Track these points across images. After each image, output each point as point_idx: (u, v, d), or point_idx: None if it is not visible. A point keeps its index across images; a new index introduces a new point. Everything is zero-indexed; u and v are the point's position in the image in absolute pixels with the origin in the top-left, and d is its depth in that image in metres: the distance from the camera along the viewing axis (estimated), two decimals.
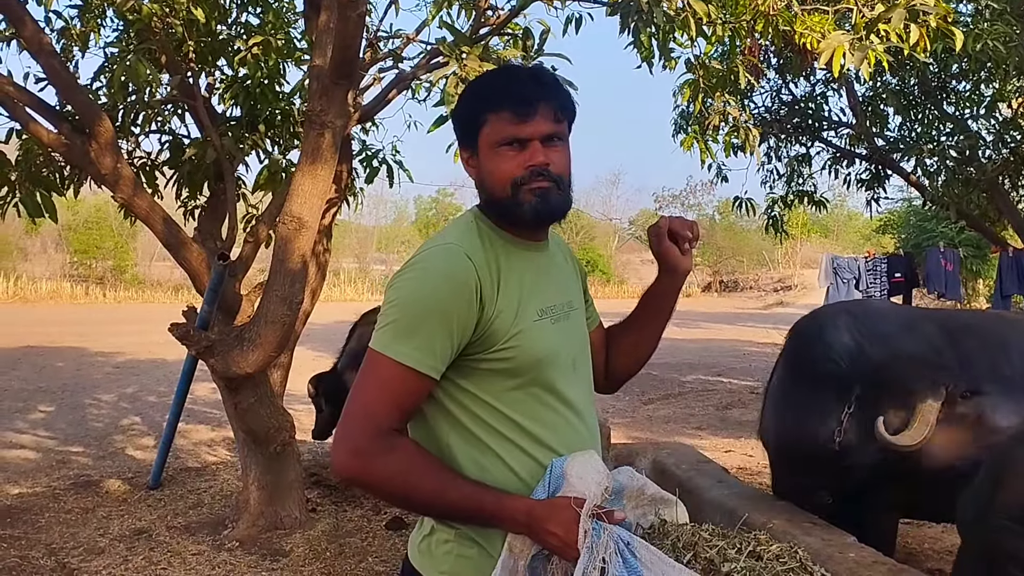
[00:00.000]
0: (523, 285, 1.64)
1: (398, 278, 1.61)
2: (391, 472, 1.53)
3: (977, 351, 3.60)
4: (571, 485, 1.52)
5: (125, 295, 31.25)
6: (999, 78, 8.93)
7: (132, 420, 9.14)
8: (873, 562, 2.87)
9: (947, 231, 20.16)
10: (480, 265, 1.58)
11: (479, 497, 1.54)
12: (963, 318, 4.53)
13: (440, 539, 1.62)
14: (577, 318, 1.79)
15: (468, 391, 1.61)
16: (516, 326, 1.60)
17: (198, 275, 5.01)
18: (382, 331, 1.57)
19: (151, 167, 6.11)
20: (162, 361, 13.37)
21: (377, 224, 43.22)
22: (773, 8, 4.84)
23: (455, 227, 1.70)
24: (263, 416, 4.93)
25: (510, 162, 1.62)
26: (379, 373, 1.56)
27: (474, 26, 5.48)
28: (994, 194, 9.93)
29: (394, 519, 5.42)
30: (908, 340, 3.64)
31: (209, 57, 5.72)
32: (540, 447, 1.62)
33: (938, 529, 5.17)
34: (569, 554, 1.48)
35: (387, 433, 1.54)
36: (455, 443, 1.61)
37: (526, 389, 1.62)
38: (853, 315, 3.81)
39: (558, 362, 1.66)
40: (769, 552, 1.62)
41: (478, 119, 1.64)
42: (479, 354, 1.59)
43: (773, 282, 37.70)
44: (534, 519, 1.51)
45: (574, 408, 1.69)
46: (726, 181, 10.39)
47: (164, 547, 5.01)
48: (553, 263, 1.77)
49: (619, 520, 1.54)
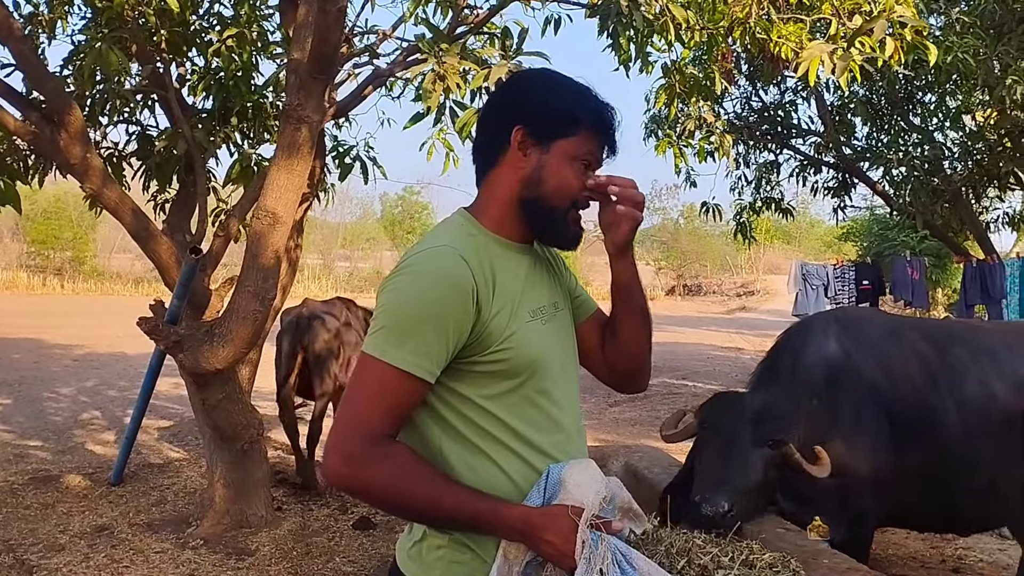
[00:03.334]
0: (516, 286, 1.63)
1: (392, 280, 1.58)
2: (385, 479, 1.50)
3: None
4: (569, 493, 1.50)
5: (84, 287, 30.72)
6: (964, 91, 9.08)
7: (92, 414, 8.99)
8: (847, 568, 2.87)
9: (908, 240, 20.46)
10: (475, 267, 1.55)
11: (474, 504, 1.51)
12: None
13: (432, 545, 1.60)
14: (564, 318, 1.78)
15: (461, 394, 1.58)
16: (511, 328, 1.58)
17: (167, 269, 4.94)
18: (376, 335, 1.54)
19: (118, 158, 6.02)
20: (122, 355, 13.18)
21: (342, 221, 42.90)
22: (752, 16, 4.87)
23: (446, 229, 1.67)
24: (231, 413, 4.86)
25: (579, 179, 1.65)
26: (373, 378, 1.53)
27: (452, 24, 5.45)
28: (957, 205, 10.09)
29: (361, 519, 5.38)
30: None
31: (182, 47, 5.63)
32: (532, 450, 1.60)
33: (901, 535, 5.24)
34: (565, 563, 1.47)
35: (381, 439, 1.51)
36: (447, 447, 1.59)
37: (519, 391, 1.60)
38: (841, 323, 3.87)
39: (550, 363, 1.65)
40: (762, 561, 1.62)
41: (572, 125, 1.63)
42: (474, 357, 1.56)
43: (736, 287, 37.99)
44: (530, 527, 1.49)
45: (563, 409, 1.68)
46: (695, 186, 10.48)
47: (126, 544, 4.93)
48: (539, 263, 1.76)
49: (616, 531, 1.52)
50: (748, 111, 11.18)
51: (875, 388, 3.65)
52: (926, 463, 3.59)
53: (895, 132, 10.24)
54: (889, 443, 3.61)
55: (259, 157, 6.11)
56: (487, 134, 1.72)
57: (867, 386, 3.66)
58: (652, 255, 42.48)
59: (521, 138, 1.64)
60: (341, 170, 6.22)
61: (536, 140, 1.64)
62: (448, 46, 4.59)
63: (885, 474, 3.60)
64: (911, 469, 3.59)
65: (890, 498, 3.65)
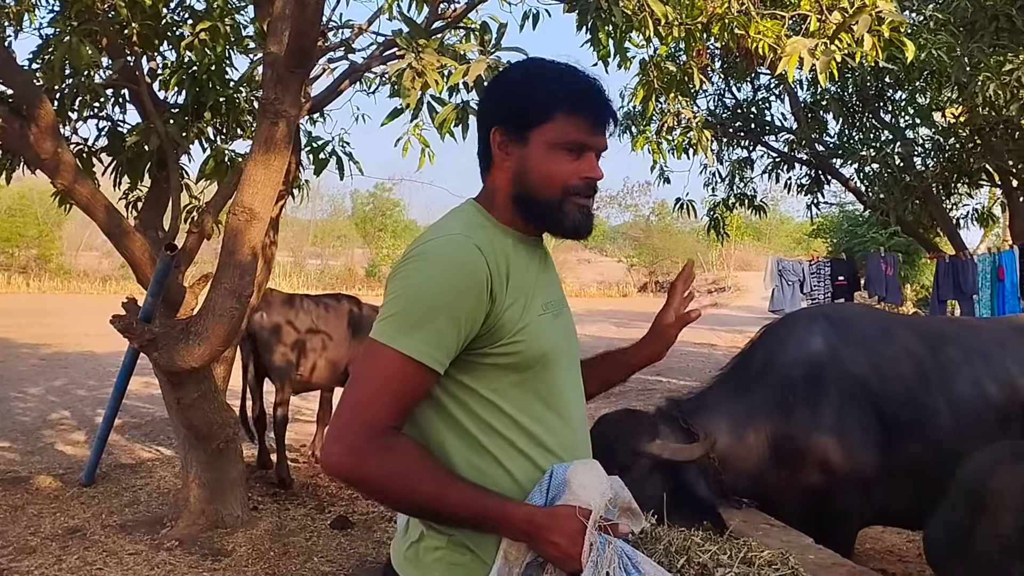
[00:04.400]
0: (529, 278, 1.60)
1: (403, 267, 1.53)
2: (389, 472, 1.46)
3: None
4: (574, 494, 1.46)
5: (50, 285, 30.33)
6: (933, 88, 9.17)
7: (61, 414, 8.84)
8: (832, 563, 2.88)
9: (877, 237, 20.66)
10: (489, 257, 1.51)
11: (480, 501, 1.47)
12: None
13: (430, 546, 1.56)
14: (569, 315, 1.75)
15: (469, 387, 1.54)
16: (524, 319, 1.54)
17: (141, 266, 4.85)
18: (385, 322, 1.49)
19: (88, 154, 5.91)
20: (91, 354, 13.00)
21: (313, 218, 42.61)
22: (730, 11, 4.87)
23: (458, 218, 1.62)
24: (207, 412, 4.79)
25: (567, 167, 1.58)
26: (380, 366, 1.48)
27: (429, 19, 5.40)
28: (928, 201, 10.19)
29: (339, 518, 5.33)
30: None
31: (154, 41, 5.53)
32: (538, 448, 1.57)
33: (878, 529, 5.27)
34: (570, 566, 1.43)
35: (386, 431, 1.46)
36: (449, 442, 1.55)
37: (527, 385, 1.57)
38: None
39: (559, 358, 1.62)
40: (761, 558, 1.60)
41: (544, 112, 1.57)
42: (485, 348, 1.52)
43: (707, 283, 38.25)
44: (536, 527, 1.45)
45: (570, 406, 1.65)
46: (668, 183, 10.50)
47: (99, 546, 4.84)
48: (547, 259, 1.73)
49: (623, 534, 1.49)
50: (722, 108, 11.22)
51: (863, 386, 3.65)
52: (918, 462, 3.58)
53: (867, 129, 10.32)
54: (877, 442, 3.61)
55: (232, 153, 6.03)
56: (478, 139, 1.68)
57: (854, 384, 3.65)
58: (624, 252, 42.68)
59: (499, 139, 1.61)
60: (316, 165, 6.15)
61: (513, 138, 1.60)
62: (426, 41, 4.55)
63: (871, 473, 3.60)
64: (901, 468, 3.59)
65: (879, 496, 3.65)
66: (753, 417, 3.69)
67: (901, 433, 3.59)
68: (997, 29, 6.93)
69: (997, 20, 6.90)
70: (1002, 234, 17.60)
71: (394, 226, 40.49)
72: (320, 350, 6.46)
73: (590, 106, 1.59)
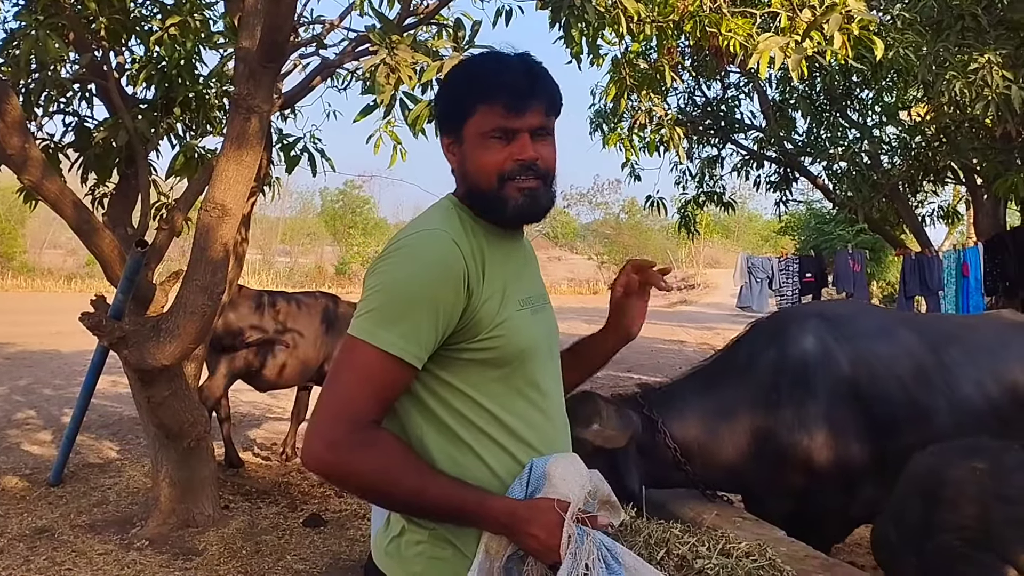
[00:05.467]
0: (506, 274, 1.60)
1: (382, 263, 1.53)
2: (369, 467, 1.46)
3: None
4: (554, 487, 1.47)
5: (13, 283, 29.88)
6: (900, 87, 9.29)
7: (27, 414, 8.71)
8: (805, 556, 2.91)
9: (844, 234, 20.91)
10: (467, 252, 1.52)
11: (461, 495, 1.48)
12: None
13: (411, 540, 1.56)
14: (550, 311, 1.76)
15: (447, 382, 1.54)
16: (501, 315, 1.55)
17: (110, 263, 4.78)
18: (364, 317, 1.49)
19: (54, 150, 5.82)
20: (56, 352, 12.82)
21: (282, 215, 42.32)
22: (702, 9, 4.90)
23: (436, 213, 1.63)
24: (177, 410, 4.74)
25: (497, 154, 1.57)
26: (360, 361, 1.48)
27: (401, 15, 5.38)
28: (895, 199, 10.33)
29: (311, 516, 5.30)
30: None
31: (122, 36, 5.46)
32: (518, 442, 1.57)
33: None
34: (549, 558, 1.44)
35: (366, 426, 1.47)
36: (429, 437, 1.55)
37: (507, 381, 1.57)
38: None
39: (538, 353, 1.63)
40: (739, 550, 1.62)
41: (468, 107, 1.59)
42: (463, 343, 1.53)
43: (677, 280, 38.44)
44: (516, 520, 1.46)
45: (550, 400, 1.66)
46: (639, 180, 10.57)
47: (68, 547, 4.78)
48: (528, 254, 1.74)
49: (603, 526, 1.50)
50: (692, 106, 11.29)
51: (854, 385, 3.62)
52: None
53: (835, 127, 10.44)
54: (868, 441, 3.58)
55: (202, 149, 5.98)
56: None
57: (844, 383, 3.63)
58: (594, 249, 42.80)
59: (445, 143, 1.65)
60: (288, 162, 6.12)
61: (452, 138, 1.63)
62: (399, 37, 4.53)
63: (858, 472, 3.59)
64: (895, 468, 3.57)
65: (871, 496, 3.63)
66: (731, 411, 3.70)
67: (896, 432, 3.56)
68: (963, 28, 7.03)
69: (963, 20, 7.00)
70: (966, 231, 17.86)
71: (364, 224, 40.34)
72: (292, 348, 6.43)
73: (505, 89, 1.57)
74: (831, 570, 2.86)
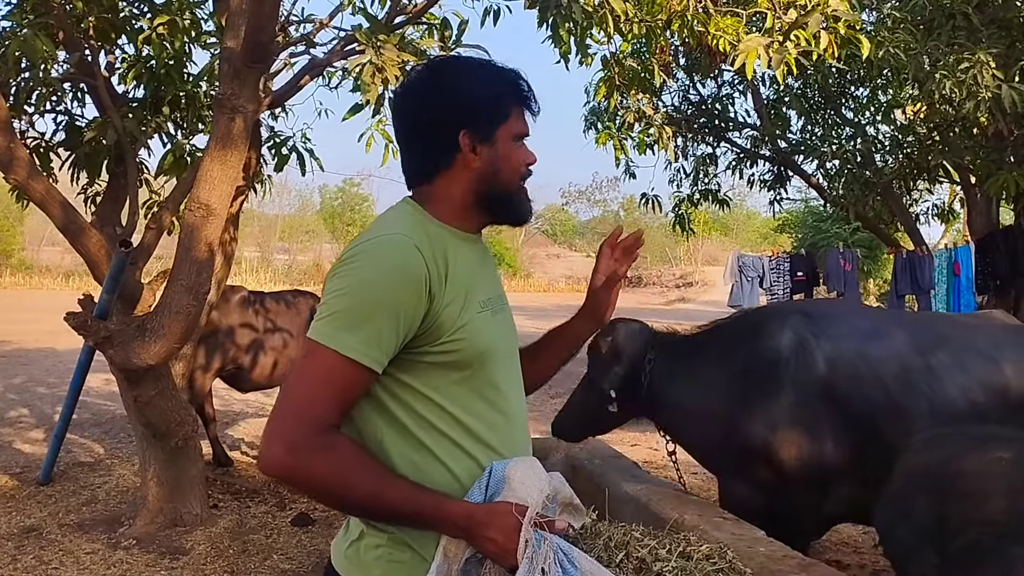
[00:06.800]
0: (468, 276, 1.60)
1: (342, 267, 1.53)
2: (328, 471, 1.46)
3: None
4: (513, 490, 1.48)
5: (11, 281, 29.91)
6: (895, 85, 9.28)
7: (20, 412, 8.73)
8: (783, 556, 2.91)
9: (841, 232, 20.90)
10: (428, 257, 1.52)
11: (418, 499, 1.48)
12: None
13: (370, 544, 1.56)
14: (509, 312, 1.76)
15: (409, 385, 1.55)
16: (463, 318, 1.55)
17: (97, 263, 4.79)
18: (324, 321, 1.49)
19: (45, 149, 5.83)
20: (51, 350, 12.83)
21: (280, 213, 42.36)
22: (689, 9, 4.90)
23: (397, 218, 1.63)
24: (164, 410, 4.75)
25: (522, 157, 1.67)
26: (320, 365, 1.48)
27: (390, 14, 5.38)
28: (888, 197, 10.31)
29: (300, 515, 5.31)
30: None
31: (111, 34, 5.46)
32: (479, 445, 1.58)
33: None
34: (507, 562, 1.45)
35: (325, 429, 1.47)
36: (390, 441, 1.55)
37: (468, 383, 1.58)
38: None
39: (498, 355, 1.63)
40: (699, 552, 1.62)
41: (506, 108, 1.63)
42: (424, 347, 1.53)
43: (675, 278, 38.48)
44: (473, 523, 1.46)
45: (510, 402, 1.66)
46: (634, 178, 10.55)
47: (56, 546, 4.79)
48: (487, 256, 1.74)
49: (560, 530, 1.51)
50: (686, 104, 11.27)
51: (829, 385, 3.59)
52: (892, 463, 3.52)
53: (828, 126, 10.42)
54: (843, 442, 3.56)
55: (193, 147, 5.98)
56: (425, 140, 1.66)
57: (819, 382, 3.60)
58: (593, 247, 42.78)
59: (469, 141, 1.62)
60: (277, 161, 6.13)
61: (481, 136, 1.62)
62: (386, 37, 4.53)
63: (831, 472, 3.57)
64: (875, 469, 3.53)
65: (845, 495, 3.62)
66: (705, 394, 3.86)
67: (874, 434, 3.50)
68: (954, 27, 7.02)
69: (954, 18, 6.98)
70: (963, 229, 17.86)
71: (363, 221, 40.33)
72: (281, 348, 6.44)
73: (530, 97, 1.67)
74: (807, 570, 2.86)
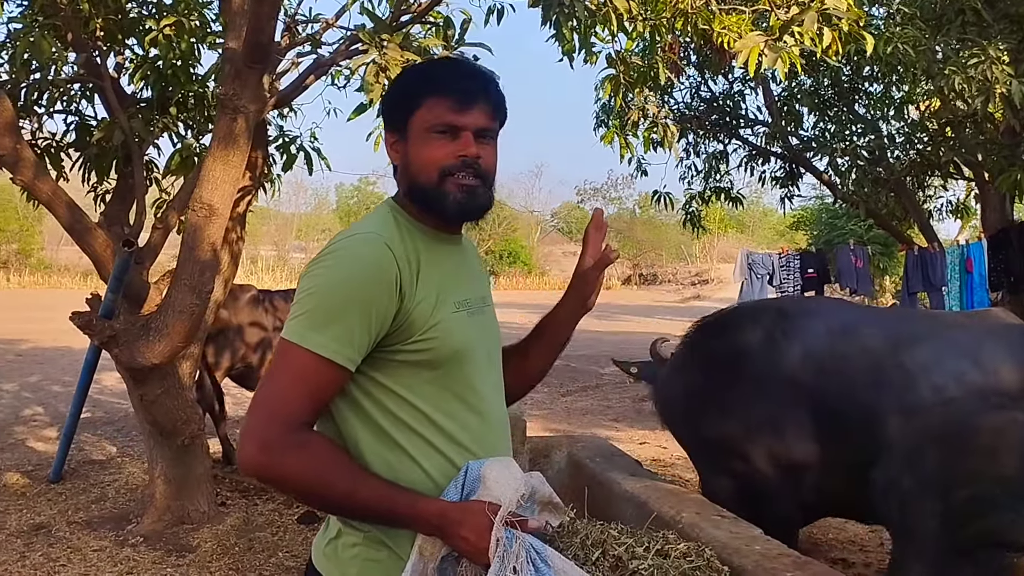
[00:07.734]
0: (442, 276, 1.61)
1: (315, 266, 1.55)
2: (302, 469, 1.48)
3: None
4: (488, 489, 1.49)
5: (30, 280, 30.21)
6: (908, 81, 9.21)
7: (34, 410, 8.82)
8: (778, 554, 2.90)
9: (857, 229, 20.77)
10: (400, 255, 1.54)
11: (392, 497, 1.49)
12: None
13: (347, 543, 1.58)
14: (491, 313, 1.77)
15: (382, 384, 1.56)
16: (435, 317, 1.56)
17: (102, 262, 4.83)
18: (297, 320, 1.51)
19: (56, 149, 5.88)
20: (67, 349, 12.93)
21: (296, 211, 42.57)
22: (692, 7, 4.88)
23: (372, 218, 1.65)
24: (170, 408, 4.79)
25: (440, 150, 1.59)
26: (292, 364, 1.50)
27: (395, 13, 5.39)
28: (901, 193, 10.24)
29: (306, 513, 5.32)
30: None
31: (118, 36, 5.51)
32: (453, 444, 1.59)
33: (840, 519, 5.30)
34: (480, 560, 1.46)
35: (299, 428, 1.48)
36: (364, 440, 1.56)
37: (441, 382, 1.59)
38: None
39: (474, 355, 1.64)
40: (676, 550, 1.62)
41: (414, 101, 1.61)
42: (396, 345, 1.54)
43: (691, 276, 38.33)
44: (447, 522, 1.48)
45: (487, 403, 1.66)
46: (645, 175, 10.54)
47: (64, 543, 4.84)
48: (467, 257, 1.75)
49: (534, 529, 1.52)
50: (697, 101, 11.23)
51: (795, 383, 3.59)
52: (865, 460, 3.42)
53: (841, 122, 10.36)
54: (809, 438, 3.56)
55: (201, 147, 6.01)
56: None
57: (785, 379, 3.61)
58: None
59: (390, 140, 1.66)
60: (285, 161, 6.16)
61: (396, 135, 1.65)
62: (390, 36, 4.54)
63: (799, 467, 3.59)
64: (845, 464, 3.50)
65: (816, 483, 3.63)
66: (685, 392, 3.99)
67: (841, 432, 3.50)
68: (964, 23, 6.96)
69: (964, 14, 6.93)
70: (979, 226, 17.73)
71: None
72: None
73: (454, 86, 1.61)
74: (803, 568, 2.85)
